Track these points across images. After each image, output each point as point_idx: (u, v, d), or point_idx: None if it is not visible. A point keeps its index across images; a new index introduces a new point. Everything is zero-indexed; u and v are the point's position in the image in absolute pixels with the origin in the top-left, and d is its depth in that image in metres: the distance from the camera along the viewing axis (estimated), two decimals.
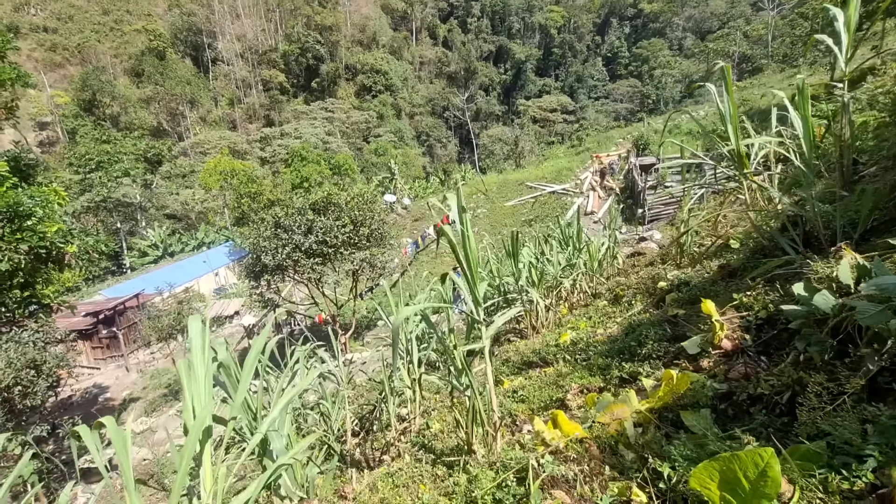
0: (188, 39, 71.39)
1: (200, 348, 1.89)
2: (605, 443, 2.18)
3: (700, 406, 2.12)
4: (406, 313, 2.42)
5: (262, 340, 2.02)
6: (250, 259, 13.20)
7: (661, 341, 3.69)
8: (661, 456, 1.80)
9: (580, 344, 5.28)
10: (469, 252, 2.95)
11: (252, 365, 1.96)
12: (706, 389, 2.15)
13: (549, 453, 2.08)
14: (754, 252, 3.91)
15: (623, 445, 2.18)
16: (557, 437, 2.12)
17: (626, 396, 2.57)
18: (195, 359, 1.88)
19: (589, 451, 2.10)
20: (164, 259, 36.69)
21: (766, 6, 67.49)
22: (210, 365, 1.87)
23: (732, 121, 3.24)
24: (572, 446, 2.08)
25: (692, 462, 1.66)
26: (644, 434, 2.22)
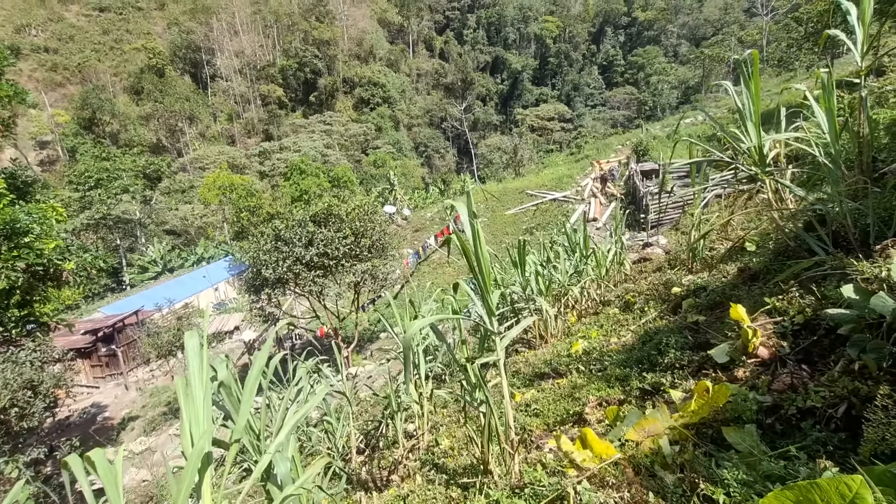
0: (187, 56, 72.04)
1: (198, 367, 1.71)
2: (641, 463, 2.00)
3: (744, 421, 1.94)
4: (417, 326, 2.25)
5: (263, 356, 1.85)
6: (250, 273, 13.03)
7: (683, 350, 3.51)
8: (709, 480, 1.62)
9: (594, 353, 5.09)
10: (481, 259, 2.79)
11: (254, 384, 1.79)
12: (749, 402, 1.97)
13: (581, 474, 1.89)
14: (777, 254, 3.75)
15: (659, 466, 1.99)
16: (589, 459, 1.93)
17: (656, 411, 2.38)
18: (193, 378, 1.71)
19: (625, 474, 1.92)
20: (164, 275, 36.51)
21: (760, 11, 68.16)
22: (209, 385, 1.70)
23: (755, 116, 3.09)
24: (607, 469, 1.90)
25: (747, 487, 1.48)
26: (682, 453, 2.03)
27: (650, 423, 2.32)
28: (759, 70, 2.98)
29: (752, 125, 3.29)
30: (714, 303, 4.16)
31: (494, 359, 2.94)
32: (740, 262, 4.91)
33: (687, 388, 2.82)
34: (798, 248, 3.66)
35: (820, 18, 28.38)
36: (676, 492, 1.68)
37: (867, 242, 3.15)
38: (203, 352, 1.82)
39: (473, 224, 2.72)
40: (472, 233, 2.76)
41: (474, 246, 2.79)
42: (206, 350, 1.78)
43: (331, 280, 12.41)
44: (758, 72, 3.01)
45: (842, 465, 1.57)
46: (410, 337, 2.33)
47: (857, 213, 3.25)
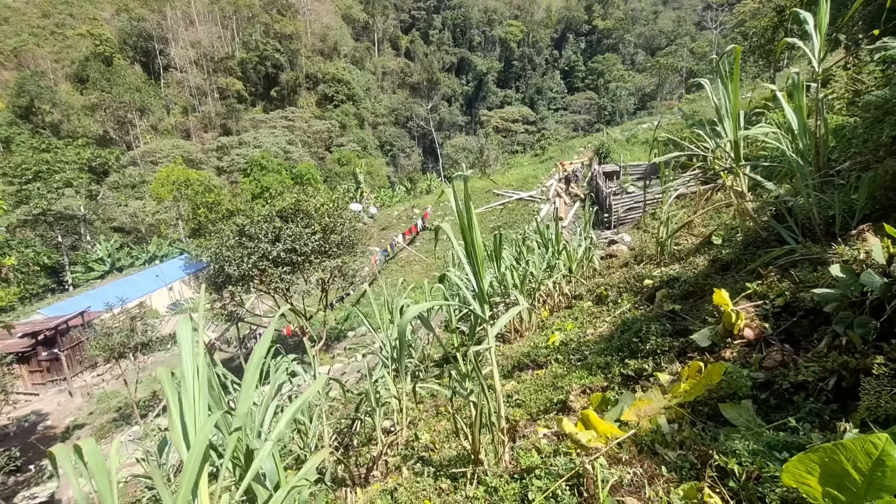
0: (138, 45, 68.11)
1: (191, 354, 1.58)
2: (642, 442, 2.02)
3: (739, 397, 2.01)
4: (414, 311, 2.19)
5: (265, 343, 1.73)
6: (212, 269, 12.41)
7: (663, 336, 3.62)
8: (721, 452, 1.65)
9: (572, 344, 5.18)
10: (475, 244, 2.76)
11: (256, 369, 1.67)
12: (744, 379, 2.03)
13: (587, 455, 1.89)
14: (746, 245, 3.93)
15: (660, 444, 2.03)
16: (594, 439, 1.94)
17: (651, 392, 2.43)
18: (186, 366, 1.58)
19: (630, 452, 1.93)
20: (112, 274, 34.33)
21: (709, 25, 71.93)
22: (204, 372, 1.57)
23: (733, 110, 3.22)
24: (616, 448, 1.91)
25: (760, 456, 1.52)
26: (681, 431, 2.08)
27: (645, 403, 2.36)
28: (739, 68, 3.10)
29: (729, 121, 3.43)
30: (688, 292, 4.31)
31: (486, 347, 2.92)
32: (709, 254, 5.12)
33: (674, 371, 2.90)
34: (767, 239, 3.85)
35: (763, 33, 30.19)
36: (685, 465, 1.70)
37: (831, 232, 3.35)
38: (199, 338, 1.69)
39: (469, 208, 2.69)
40: (465, 218, 2.73)
41: (467, 230, 2.76)
42: (201, 334, 1.65)
43: (298, 277, 12.03)
44: (738, 70, 3.13)
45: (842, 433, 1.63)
46: (406, 323, 2.26)
47: (821, 204, 3.45)
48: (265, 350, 1.68)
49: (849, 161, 4.44)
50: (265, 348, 1.67)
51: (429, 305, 2.47)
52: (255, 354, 1.67)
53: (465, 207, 2.65)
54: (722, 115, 3.47)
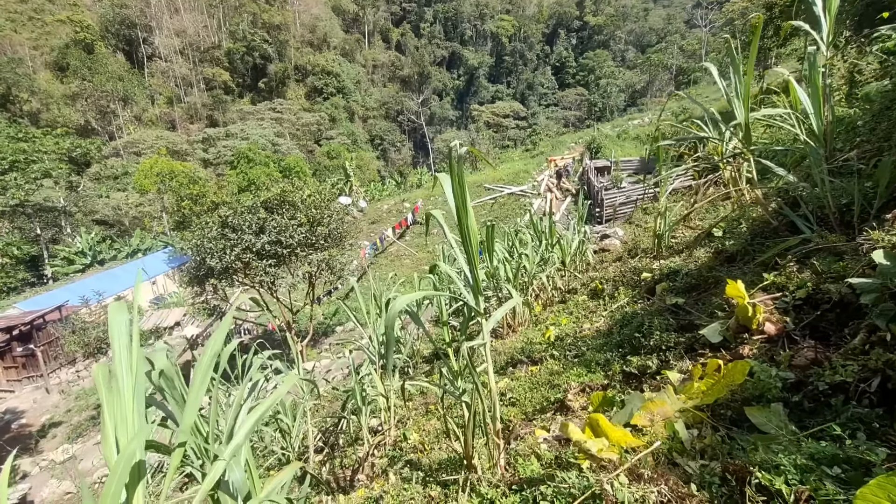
0: (120, 33, 66.26)
1: (126, 350, 1.31)
2: (658, 451, 1.79)
3: (768, 399, 1.78)
4: (403, 301, 1.92)
5: (217, 341, 1.45)
6: (193, 262, 11.98)
7: (667, 332, 3.40)
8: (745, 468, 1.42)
9: (567, 340, 4.96)
10: (469, 229, 2.50)
11: (206, 373, 1.40)
12: (772, 380, 1.81)
13: (600, 468, 1.65)
14: (754, 235, 3.73)
15: (677, 453, 1.79)
16: (605, 448, 1.70)
17: (663, 393, 2.20)
18: (119, 365, 1.30)
19: (646, 464, 1.70)
20: (93, 267, 33.41)
21: (699, 23, 72.30)
22: (141, 372, 1.30)
23: (745, 91, 2.99)
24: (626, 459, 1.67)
25: (808, 472, 1.29)
26: (701, 437, 1.85)
27: (658, 405, 2.13)
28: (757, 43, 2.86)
29: (740, 103, 3.21)
30: (690, 285, 4.11)
31: (481, 343, 2.67)
32: (710, 246, 4.93)
33: (684, 369, 2.68)
34: (776, 229, 3.66)
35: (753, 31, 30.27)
36: (713, 481, 1.47)
37: (846, 221, 3.16)
38: (133, 330, 1.41)
39: (463, 187, 2.42)
40: (458, 204, 2.46)
41: (460, 217, 2.50)
42: (136, 327, 1.37)
43: (284, 270, 11.65)
44: (755, 48, 2.90)
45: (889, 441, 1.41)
46: (395, 314, 2.00)
47: (835, 192, 3.25)
48: (219, 346, 1.41)
49: (854, 150, 4.26)
50: (219, 343, 1.40)
51: (417, 296, 2.21)
52: (206, 351, 1.40)
53: (460, 186, 2.39)
54: (732, 98, 3.24)
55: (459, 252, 2.81)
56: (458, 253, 2.84)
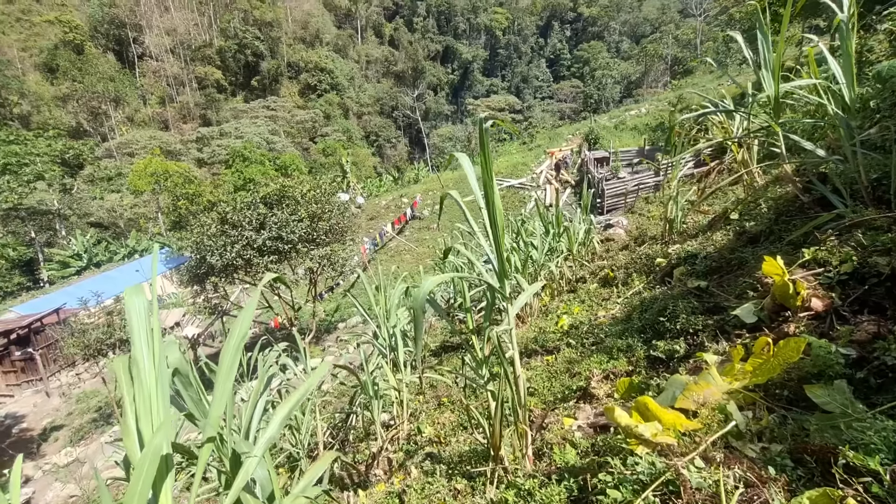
0: (110, 33, 65.51)
1: (146, 333, 1.18)
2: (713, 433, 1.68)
3: (830, 377, 1.67)
4: (431, 284, 1.80)
5: (244, 323, 1.33)
6: (193, 261, 11.80)
7: (693, 314, 3.29)
8: (830, 448, 1.31)
9: (583, 328, 4.85)
10: (496, 211, 2.38)
11: (235, 356, 1.27)
12: (833, 356, 1.70)
13: (657, 451, 1.54)
14: (779, 214, 3.62)
15: (733, 437, 1.69)
16: (660, 433, 1.58)
17: (707, 374, 2.09)
18: (139, 351, 1.18)
19: (707, 448, 1.59)
20: (90, 270, 33.13)
21: (693, 12, 72.10)
22: (163, 359, 1.17)
23: (775, 60, 2.87)
24: (690, 442, 1.56)
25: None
26: (756, 419, 1.74)
27: (703, 388, 2.02)
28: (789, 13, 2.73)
29: (769, 74, 3.09)
30: (711, 268, 4.00)
31: (507, 328, 2.55)
32: (726, 229, 4.83)
33: (719, 351, 2.57)
34: (801, 207, 3.55)
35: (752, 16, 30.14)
36: (784, 463, 1.36)
37: (877, 196, 3.05)
38: (154, 316, 1.28)
39: (489, 169, 2.31)
40: (485, 179, 2.34)
41: (487, 196, 2.38)
42: (156, 310, 1.24)
43: (285, 266, 11.49)
44: (788, 14, 2.76)
45: None
46: (423, 298, 1.87)
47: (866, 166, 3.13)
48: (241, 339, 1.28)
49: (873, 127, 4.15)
50: (241, 337, 1.27)
51: (445, 277, 2.09)
52: (228, 344, 1.27)
53: (486, 161, 2.27)
54: (759, 70, 3.12)
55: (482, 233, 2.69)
56: (480, 235, 2.72)
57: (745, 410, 1.80)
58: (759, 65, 3.10)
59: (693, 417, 1.88)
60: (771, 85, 3.07)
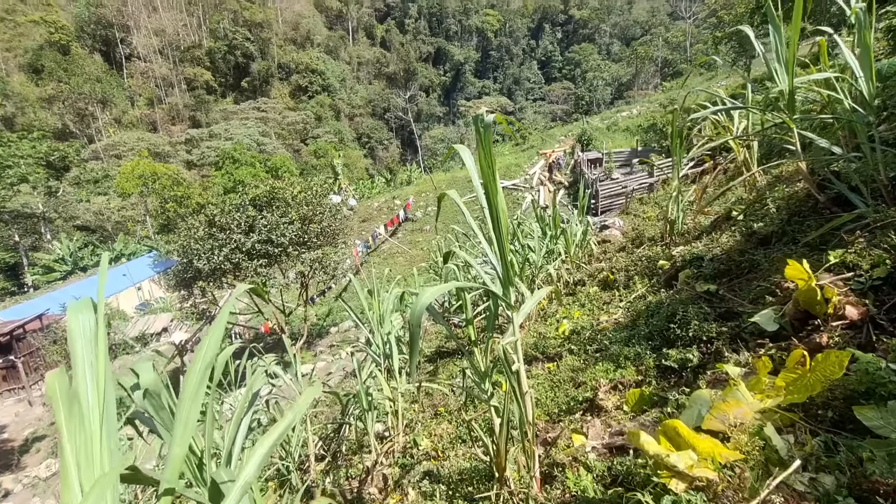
0: (97, 33, 64.56)
1: (90, 358, 0.96)
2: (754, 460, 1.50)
3: (882, 396, 1.49)
4: (430, 296, 1.60)
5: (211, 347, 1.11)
6: (180, 265, 11.46)
7: (705, 321, 3.12)
8: None
9: (585, 333, 4.67)
10: (499, 213, 2.19)
11: (197, 389, 1.06)
12: (884, 373, 1.52)
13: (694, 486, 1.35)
14: (791, 215, 3.47)
15: (773, 465, 1.50)
16: (696, 464, 1.39)
17: (734, 391, 1.90)
18: (81, 381, 0.96)
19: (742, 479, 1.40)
20: (75, 274, 32.45)
21: (683, 15, 72.77)
22: (111, 386, 0.95)
23: (789, 53, 2.71)
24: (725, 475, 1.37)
25: None
26: (799, 445, 1.55)
27: (732, 406, 1.83)
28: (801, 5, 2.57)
29: (781, 67, 2.92)
30: (719, 271, 3.84)
31: (513, 339, 2.35)
32: (731, 230, 4.68)
33: (740, 362, 2.39)
34: (815, 207, 3.40)
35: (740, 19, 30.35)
36: (847, 503, 1.17)
37: None
38: (98, 335, 1.06)
39: (492, 167, 2.11)
40: (486, 179, 2.15)
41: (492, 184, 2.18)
42: (102, 332, 1.02)
43: (276, 270, 11.19)
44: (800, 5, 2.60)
45: None
46: (420, 311, 1.67)
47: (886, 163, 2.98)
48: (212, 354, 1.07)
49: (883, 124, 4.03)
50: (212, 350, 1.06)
51: (447, 288, 1.88)
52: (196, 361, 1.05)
53: (488, 159, 2.07)
54: (771, 62, 2.96)
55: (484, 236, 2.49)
56: (482, 237, 2.52)
57: (784, 433, 1.62)
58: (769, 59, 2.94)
59: (725, 441, 1.69)
60: (784, 79, 2.90)
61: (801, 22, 2.76)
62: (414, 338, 1.66)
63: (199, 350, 1.09)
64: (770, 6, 2.95)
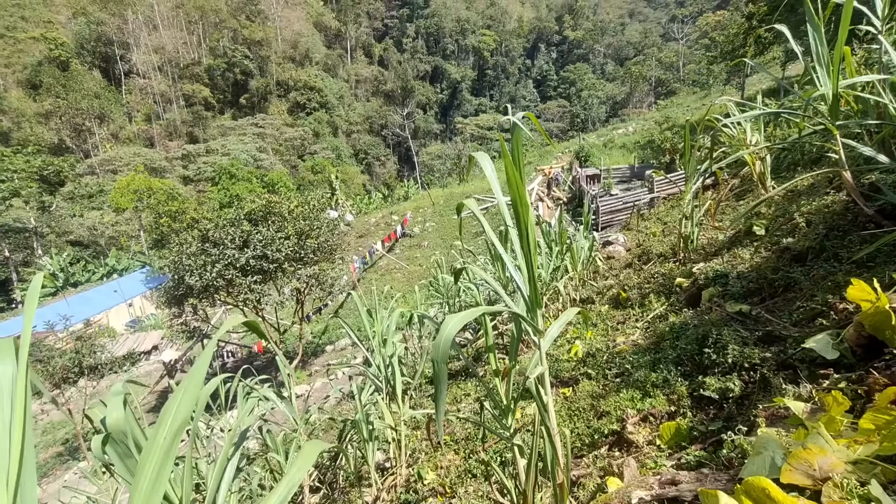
0: (96, 50, 65.00)
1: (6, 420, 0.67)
2: None
3: None
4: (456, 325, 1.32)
5: (183, 407, 0.82)
6: (171, 281, 11.07)
7: (745, 345, 2.83)
8: None
9: (602, 356, 4.36)
10: (528, 227, 1.92)
11: (174, 439, 0.76)
12: None
13: None
14: (830, 229, 3.23)
15: None
16: None
17: (816, 436, 1.61)
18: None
19: None
20: (66, 290, 31.83)
21: (675, 35, 74.28)
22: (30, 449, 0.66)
23: (836, 53, 2.49)
24: None
25: None
26: None
27: (816, 454, 1.53)
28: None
29: (823, 70, 2.71)
30: (749, 290, 3.57)
31: (542, 369, 2.06)
32: (753, 245, 4.43)
33: (799, 395, 2.10)
34: (856, 220, 3.15)
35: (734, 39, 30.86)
36: None
37: None
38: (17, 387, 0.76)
39: (519, 168, 1.85)
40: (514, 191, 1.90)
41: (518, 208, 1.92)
42: (23, 382, 0.72)
43: (270, 287, 10.83)
44: None
45: None
46: (447, 345, 1.39)
47: None
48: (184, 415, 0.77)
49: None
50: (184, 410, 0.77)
51: (475, 313, 1.59)
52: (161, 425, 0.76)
53: (517, 160, 1.82)
54: (811, 63, 2.74)
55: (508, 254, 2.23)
56: (503, 253, 2.25)
57: (890, 491, 1.32)
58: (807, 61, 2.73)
59: (815, 500, 1.40)
60: (826, 82, 2.68)
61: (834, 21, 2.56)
62: (440, 379, 1.36)
63: (165, 414, 0.80)
64: (808, 5, 2.75)
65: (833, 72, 2.63)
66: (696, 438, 2.55)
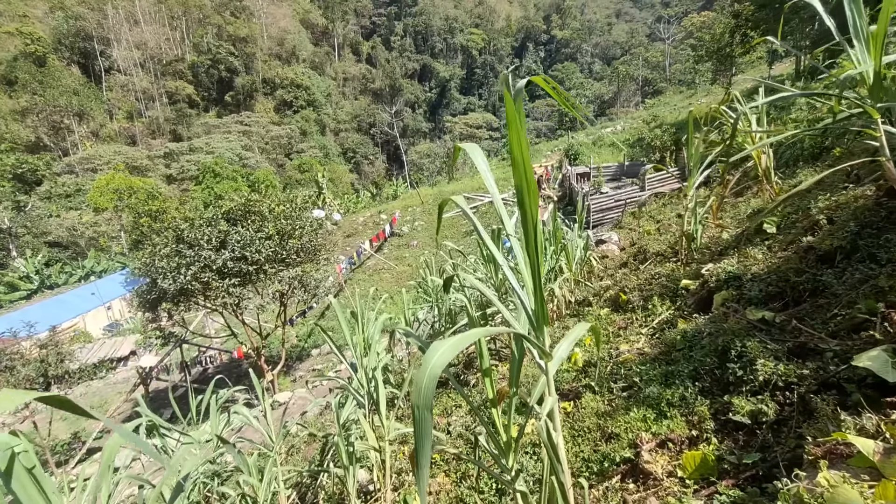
0: (75, 45, 63.16)
1: None
2: None
3: None
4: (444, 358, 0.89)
5: None
6: (143, 285, 10.48)
7: (776, 359, 2.48)
8: None
9: (603, 366, 4.00)
10: (536, 225, 1.53)
11: None
12: None
13: None
14: (862, 227, 2.90)
15: None
16: None
17: None
18: None
19: None
20: (41, 293, 30.71)
21: (661, 35, 74.76)
22: None
23: (880, 26, 2.14)
24: None
25: None
26: None
27: None
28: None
29: (862, 46, 2.36)
30: (770, 294, 3.23)
31: (552, 401, 1.67)
32: (763, 243, 4.10)
33: (863, 427, 1.74)
34: (890, 217, 2.83)
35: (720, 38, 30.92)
36: None
37: None
38: None
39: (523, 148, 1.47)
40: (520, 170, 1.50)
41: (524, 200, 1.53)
42: None
43: (250, 290, 10.31)
44: None
45: None
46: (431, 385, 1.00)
47: None
48: None
49: None
50: None
51: (470, 339, 1.19)
52: None
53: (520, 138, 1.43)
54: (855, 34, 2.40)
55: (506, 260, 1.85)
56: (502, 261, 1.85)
57: None
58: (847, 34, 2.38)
59: None
60: (867, 59, 2.33)
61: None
62: (422, 433, 0.97)
63: None
64: None
65: (876, 47, 2.27)
66: (727, 472, 2.19)
